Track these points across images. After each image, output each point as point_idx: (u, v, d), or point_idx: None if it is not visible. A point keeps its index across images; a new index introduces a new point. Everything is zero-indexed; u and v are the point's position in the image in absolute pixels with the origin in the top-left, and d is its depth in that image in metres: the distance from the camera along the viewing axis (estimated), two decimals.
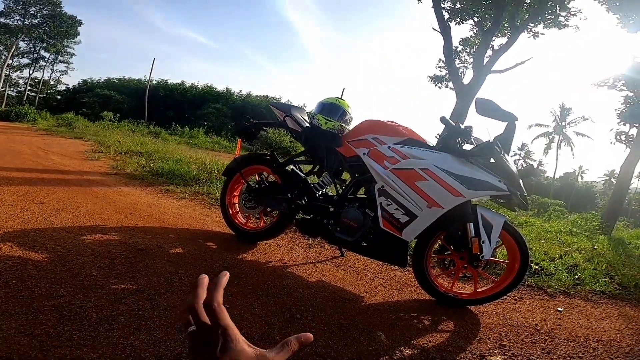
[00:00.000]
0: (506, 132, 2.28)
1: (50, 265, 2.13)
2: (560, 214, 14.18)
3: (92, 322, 1.65)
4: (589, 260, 3.75)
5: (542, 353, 1.95)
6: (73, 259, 2.25)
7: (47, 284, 1.90)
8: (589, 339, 2.17)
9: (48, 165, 5.36)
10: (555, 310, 2.55)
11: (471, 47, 14.45)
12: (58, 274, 2.03)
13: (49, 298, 1.78)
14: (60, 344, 1.47)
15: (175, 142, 12.30)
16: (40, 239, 2.48)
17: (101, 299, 1.85)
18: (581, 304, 2.73)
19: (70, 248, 2.40)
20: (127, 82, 38.21)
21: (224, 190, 3.16)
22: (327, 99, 2.91)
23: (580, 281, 3.13)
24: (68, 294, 1.85)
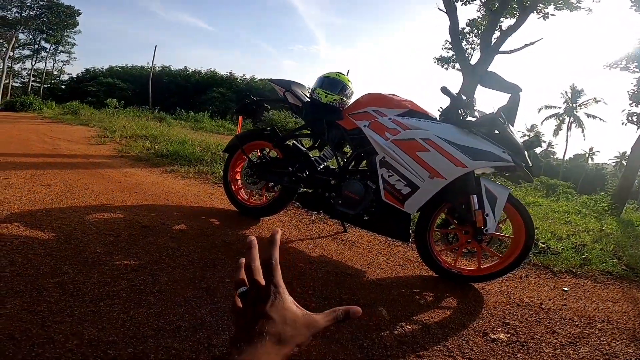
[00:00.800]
0: (510, 103, 2.22)
1: (56, 244, 2.16)
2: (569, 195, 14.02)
3: (93, 297, 1.67)
4: (596, 241, 3.69)
5: (547, 332, 1.92)
6: (78, 237, 2.27)
7: (52, 262, 1.93)
8: (594, 319, 2.13)
9: (55, 150, 5.40)
10: (561, 290, 2.50)
11: (478, 29, 14.11)
12: (63, 252, 2.06)
13: (53, 275, 1.80)
14: (62, 319, 1.49)
15: (180, 126, 12.30)
16: (47, 218, 2.52)
17: (104, 275, 1.86)
18: (587, 284, 2.68)
19: (76, 226, 2.43)
20: (130, 70, 38.31)
21: (226, 167, 3.16)
22: (327, 73, 2.86)
23: (587, 261, 3.07)
24: (72, 270, 1.87)
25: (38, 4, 33.96)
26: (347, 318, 0.49)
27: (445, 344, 1.71)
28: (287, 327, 0.44)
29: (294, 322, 0.45)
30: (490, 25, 10.93)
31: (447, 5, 10.63)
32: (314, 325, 0.46)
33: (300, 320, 0.45)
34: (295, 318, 0.45)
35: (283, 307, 0.45)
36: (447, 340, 1.75)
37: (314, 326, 0.46)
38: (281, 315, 0.44)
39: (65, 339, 1.38)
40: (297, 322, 0.45)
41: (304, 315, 0.46)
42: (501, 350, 1.71)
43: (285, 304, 0.46)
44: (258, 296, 0.46)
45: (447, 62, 15.65)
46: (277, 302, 0.45)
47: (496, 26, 11.08)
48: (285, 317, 0.44)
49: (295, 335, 0.44)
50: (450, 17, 10.66)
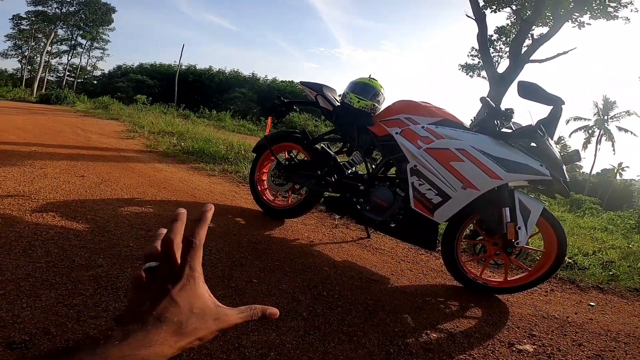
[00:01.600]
0: (551, 115, 2.17)
1: (90, 236, 2.21)
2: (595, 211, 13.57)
3: (127, 292, 1.67)
4: (623, 258, 3.61)
5: (573, 345, 1.90)
6: (111, 230, 2.33)
7: (87, 254, 1.96)
8: (621, 334, 2.10)
9: (87, 142, 5.61)
10: (587, 305, 2.46)
11: (507, 36, 13.88)
12: (97, 244, 2.09)
13: (88, 268, 1.82)
14: (97, 314, 1.50)
15: (203, 124, 12.53)
16: (81, 209, 2.60)
17: (137, 270, 1.91)
18: (614, 300, 2.62)
19: (109, 219, 2.50)
20: (158, 67, 39.23)
21: (253, 167, 3.21)
22: (360, 78, 2.88)
23: (614, 277, 3.00)
24: (106, 263, 1.89)
25: (77, 0, 35.30)
26: (262, 318, 0.45)
27: (471, 353, 1.71)
28: (193, 317, 0.39)
29: (203, 312, 0.40)
30: (521, 34, 10.73)
31: (477, 13, 10.49)
32: (224, 319, 0.42)
33: (210, 311, 0.41)
34: (204, 308, 0.41)
35: (194, 294, 0.41)
36: (473, 350, 1.74)
37: (224, 321, 0.42)
38: (189, 302, 0.40)
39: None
40: (206, 314, 0.41)
41: (216, 307, 0.42)
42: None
43: (197, 291, 0.41)
44: (169, 275, 0.41)
45: (472, 70, 15.47)
46: (189, 287, 0.40)
47: (527, 35, 10.86)
48: (193, 306, 0.40)
49: (200, 327, 0.40)
50: (479, 25, 10.51)
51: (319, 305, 1.88)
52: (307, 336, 1.62)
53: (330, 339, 1.63)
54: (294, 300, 1.89)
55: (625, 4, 10.25)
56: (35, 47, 37.93)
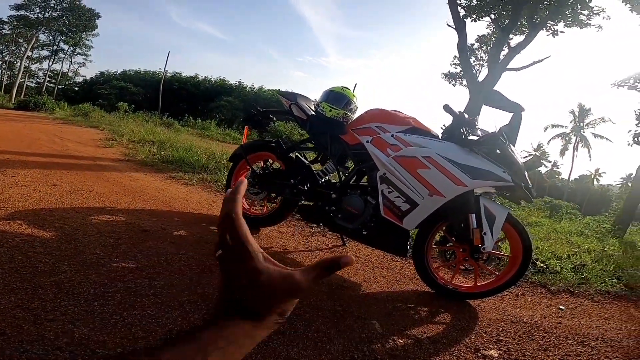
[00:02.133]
0: (512, 122, 2.24)
1: (57, 243, 2.19)
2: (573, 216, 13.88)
3: (88, 297, 1.68)
4: (597, 261, 3.68)
5: (539, 350, 1.92)
6: (79, 238, 2.31)
7: (51, 261, 1.96)
8: (588, 337, 2.13)
9: (63, 151, 5.50)
10: (557, 308, 2.50)
11: (487, 45, 14.25)
12: (63, 252, 2.09)
13: (50, 274, 1.82)
14: (55, 317, 1.51)
15: (187, 132, 12.45)
16: (50, 218, 2.56)
17: (101, 276, 1.89)
18: (584, 303, 2.67)
19: (78, 227, 2.47)
20: (142, 74, 38.86)
21: (230, 176, 3.20)
22: (333, 87, 2.91)
23: (586, 280, 3.06)
24: (70, 270, 1.89)
25: (61, 5, 34.64)
26: (334, 269, 0.42)
27: (437, 359, 1.72)
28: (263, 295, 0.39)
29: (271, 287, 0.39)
30: (499, 42, 11.03)
31: (457, 22, 10.73)
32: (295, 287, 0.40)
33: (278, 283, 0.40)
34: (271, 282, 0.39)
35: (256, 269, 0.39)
36: (439, 355, 1.74)
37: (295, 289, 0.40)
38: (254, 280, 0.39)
39: (56, 336, 1.40)
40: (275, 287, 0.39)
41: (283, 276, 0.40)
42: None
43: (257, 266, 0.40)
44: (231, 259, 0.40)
45: (454, 79, 15.79)
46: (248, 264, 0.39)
47: (505, 43, 11.17)
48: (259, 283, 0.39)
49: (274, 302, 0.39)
50: (459, 34, 10.76)
51: None
52: (270, 341, 1.62)
53: (294, 345, 1.63)
54: None
55: (597, 12, 10.65)
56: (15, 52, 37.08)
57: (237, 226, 0.40)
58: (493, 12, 11.89)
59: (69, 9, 34.78)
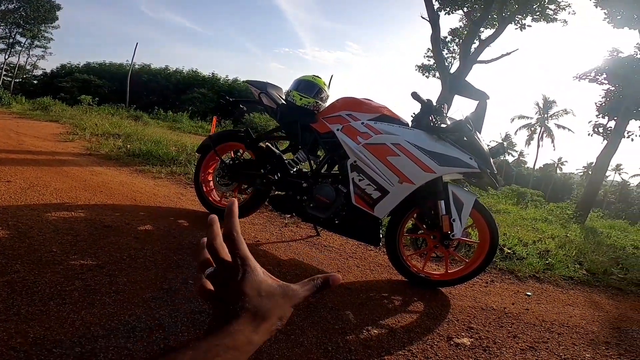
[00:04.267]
0: (477, 110, 2.27)
1: (9, 242, 2.07)
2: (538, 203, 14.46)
3: (43, 297, 1.62)
4: (560, 247, 3.80)
5: (508, 337, 1.95)
6: (34, 236, 2.18)
7: (3, 260, 1.85)
8: (555, 324, 2.17)
9: (19, 146, 5.15)
10: (524, 295, 2.56)
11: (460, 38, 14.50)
12: (16, 250, 1.98)
13: (2, 274, 1.73)
14: (7, 318, 1.44)
15: (157, 125, 12.02)
16: (2, 216, 2.40)
17: (57, 275, 1.79)
18: (550, 289, 2.74)
19: (32, 225, 2.32)
20: (107, 66, 37.03)
21: (198, 167, 3.09)
22: (304, 76, 2.85)
23: (550, 266, 3.15)
24: (23, 269, 1.81)
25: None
26: (326, 286, 0.46)
27: (410, 349, 1.71)
28: (263, 300, 0.41)
29: (270, 293, 0.42)
30: (470, 35, 11.26)
31: (431, 14, 10.84)
32: (293, 295, 0.43)
33: (277, 291, 0.43)
34: (270, 290, 0.42)
35: (256, 280, 0.42)
36: (412, 345, 1.74)
37: (293, 296, 0.43)
38: (255, 288, 0.41)
39: (9, 337, 1.33)
40: (274, 294, 0.42)
41: (280, 286, 0.43)
42: (464, 355, 1.73)
43: (257, 277, 0.42)
44: (227, 274, 0.43)
45: (428, 70, 15.97)
46: (248, 275, 0.42)
47: (476, 36, 11.41)
48: (259, 290, 0.41)
49: (273, 308, 0.41)
50: (433, 26, 10.88)
51: None
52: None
53: (267, 339, 1.57)
54: None
55: (564, 7, 11.03)
56: None
57: (238, 244, 0.43)
58: (466, 5, 12.12)
59: (27, 0, 32.45)
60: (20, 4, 32.35)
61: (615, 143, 10.03)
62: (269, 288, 0.42)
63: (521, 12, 11.25)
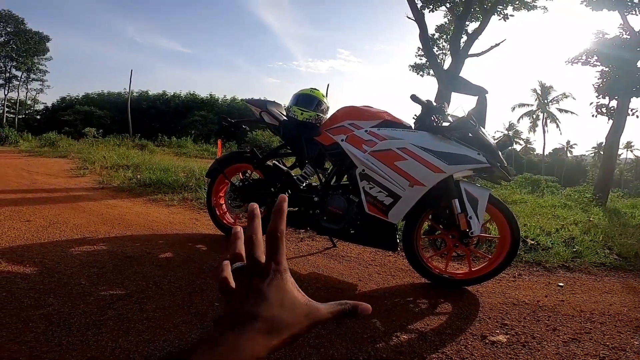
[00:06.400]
0: (478, 105, 2.27)
1: (39, 277, 2.14)
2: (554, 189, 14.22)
3: (80, 327, 1.66)
4: (585, 233, 3.70)
5: (547, 330, 1.88)
6: (61, 270, 2.25)
7: (36, 295, 1.92)
8: (595, 313, 2.09)
9: (32, 185, 5.27)
10: (556, 286, 2.48)
11: (447, 34, 14.54)
12: (46, 285, 2.06)
13: (37, 307, 1.80)
14: (50, 349, 1.50)
15: (162, 152, 12.21)
16: (28, 254, 2.49)
17: (89, 305, 1.85)
18: (582, 278, 2.65)
19: (59, 260, 2.40)
20: (106, 96, 37.67)
21: (209, 192, 3.13)
22: (302, 90, 2.88)
23: (578, 254, 3.06)
24: (57, 302, 1.86)
25: (6, 30, 32.88)
26: (354, 315, 0.42)
27: (444, 351, 1.67)
28: (284, 312, 0.38)
29: (293, 307, 0.38)
30: (457, 30, 11.29)
31: (415, 13, 10.89)
32: (315, 315, 0.40)
33: (301, 306, 0.39)
34: (294, 303, 0.39)
35: (283, 288, 0.39)
36: (445, 347, 1.70)
37: (314, 316, 0.40)
38: (279, 297, 0.38)
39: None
40: (297, 308, 0.39)
41: (306, 302, 0.40)
42: (502, 352, 1.68)
43: (285, 286, 0.39)
44: (255, 273, 0.39)
45: (421, 69, 15.98)
46: (277, 281, 0.39)
47: (463, 30, 11.46)
48: (283, 300, 0.38)
49: (292, 323, 0.38)
50: (420, 25, 10.92)
51: None
52: (272, 354, 1.56)
53: (297, 354, 1.59)
54: None
55: None
56: None
57: (279, 245, 0.40)
58: (448, 1, 12.19)
59: (15, 33, 33.05)
60: (10, 37, 32.95)
61: (621, 122, 9.91)
62: (293, 300, 0.39)
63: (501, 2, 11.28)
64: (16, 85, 36.50)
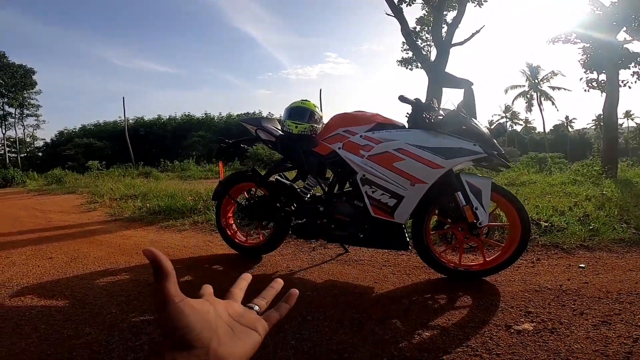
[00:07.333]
0: (466, 97, 2.32)
1: (72, 309, 2.24)
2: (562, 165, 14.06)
3: (120, 353, 1.74)
4: (600, 208, 3.59)
5: (574, 315, 1.82)
6: (91, 301, 2.34)
7: (73, 325, 2.03)
8: (622, 293, 2.00)
9: (48, 223, 5.38)
10: (578, 267, 2.42)
11: (428, 26, 14.54)
12: (80, 316, 2.15)
13: (77, 337, 1.90)
14: None
15: (167, 178, 12.33)
16: (57, 288, 2.59)
17: (123, 332, 1.92)
18: (604, 257, 2.57)
19: (87, 292, 2.50)
20: (103, 126, 37.99)
21: (218, 214, 3.17)
22: (293, 103, 2.92)
23: (595, 232, 2.96)
24: (94, 331, 1.96)
25: None
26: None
27: (469, 344, 1.65)
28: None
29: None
30: (437, 21, 11.27)
31: (393, 9, 10.90)
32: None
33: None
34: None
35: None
36: (470, 340, 1.68)
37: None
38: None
39: None
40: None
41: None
42: (530, 340, 1.64)
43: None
44: None
45: (409, 63, 15.99)
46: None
47: (442, 21, 11.44)
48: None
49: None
50: (400, 20, 10.91)
51: (305, 331, 1.85)
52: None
53: None
54: (280, 331, 1.85)
55: None
56: None
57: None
58: None
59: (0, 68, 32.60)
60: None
61: (615, 93, 9.92)
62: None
63: None
64: (12, 123, 36.48)
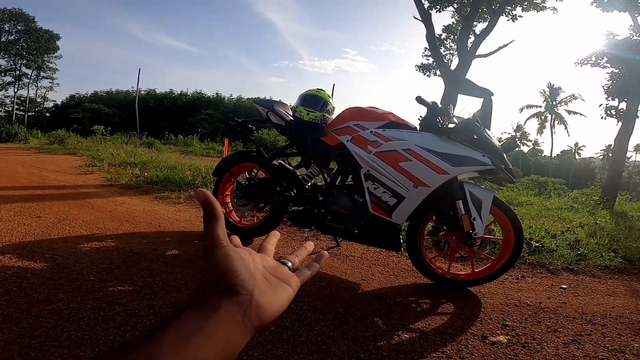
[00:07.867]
0: (484, 107, 2.29)
1: (49, 273, 2.19)
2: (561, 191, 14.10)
3: (89, 322, 1.70)
4: (591, 235, 3.67)
5: (548, 332, 1.90)
6: (71, 266, 2.30)
7: (46, 290, 1.97)
8: (597, 315, 2.10)
9: (42, 182, 5.37)
10: (559, 288, 2.49)
11: (454, 34, 14.48)
12: (56, 280, 2.10)
13: (48, 302, 1.85)
14: (59, 343, 1.54)
15: (169, 151, 12.30)
16: (39, 249, 2.54)
17: (98, 301, 1.89)
18: (586, 280, 2.65)
19: (68, 256, 2.45)
20: (114, 94, 38.01)
21: (216, 190, 3.16)
22: (308, 90, 2.92)
23: (583, 257, 3.04)
24: (66, 298, 1.91)
25: (16, 29, 33.01)
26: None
27: (444, 350, 1.69)
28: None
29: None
30: (464, 31, 11.23)
31: (422, 14, 10.85)
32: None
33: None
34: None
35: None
36: (446, 346, 1.73)
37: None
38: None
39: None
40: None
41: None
42: (502, 352, 1.70)
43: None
44: None
45: (428, 70, 15.95)
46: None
47: (470, 31, 11.40)
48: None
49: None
50: (426, 25, 10.87)
51: (287, 319, 1.86)
52: (274, 349, 1.61)
53: (299, 351, 1.62)
54: None
55: None
56: None
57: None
58: (455, 1, 12.13)
59: (25, 31, 33.08)
60: (20, 35, 33.10)
61: (631, 124, 9.86)
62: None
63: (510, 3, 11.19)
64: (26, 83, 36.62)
